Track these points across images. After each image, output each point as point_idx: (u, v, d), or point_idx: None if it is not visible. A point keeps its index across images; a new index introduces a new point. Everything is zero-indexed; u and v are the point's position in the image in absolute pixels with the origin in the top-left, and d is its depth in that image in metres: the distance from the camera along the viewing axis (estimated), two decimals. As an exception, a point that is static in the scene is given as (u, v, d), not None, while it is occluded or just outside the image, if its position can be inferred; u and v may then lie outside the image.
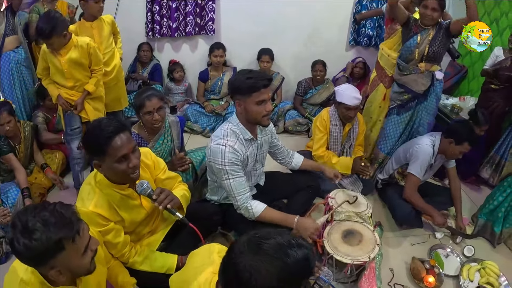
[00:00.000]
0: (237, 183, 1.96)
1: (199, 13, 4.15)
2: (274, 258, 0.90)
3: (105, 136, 1.46)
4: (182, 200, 1.77)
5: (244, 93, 1.91)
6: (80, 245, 1.15)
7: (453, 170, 2.70)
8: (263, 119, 1.97)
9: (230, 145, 1.94)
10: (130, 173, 1.54)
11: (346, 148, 2.95)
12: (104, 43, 2.98)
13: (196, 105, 4.06)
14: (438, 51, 2.67)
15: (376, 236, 2.03)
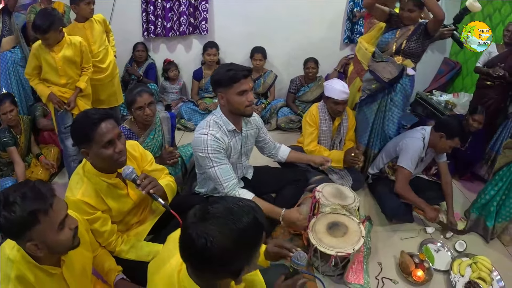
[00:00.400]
0: (222, 170, 1.97)
1: (192, 13, 4.19)
2: (225, 221, 0.94)
3: (91, 123, 1.52)
4: (166, 189, 1.80)
5: (225, 85, 1.94)
6: (54, 219, 1.20)
7: (444, 165, 2.69)
8: (246, 109, 1.99)
9: (212, 134, 1.98)
10: (116, 158, 1.59)
11: (336, 143, 2.95)
12: (97, 42, 3.04)
13: (190, 103, 4.09)
14: (415, 48, 2.67)
15: (362, 229, 2.02)
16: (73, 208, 1.55)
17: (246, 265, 1.01)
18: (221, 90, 1.98)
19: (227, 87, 1.94)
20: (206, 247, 0.91)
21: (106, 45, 3.13)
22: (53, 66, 2.59)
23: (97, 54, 3.03)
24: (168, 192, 1.81)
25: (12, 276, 1.25)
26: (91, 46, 3.00)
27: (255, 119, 2.29)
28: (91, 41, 2.98)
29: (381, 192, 2.68)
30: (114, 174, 1.70)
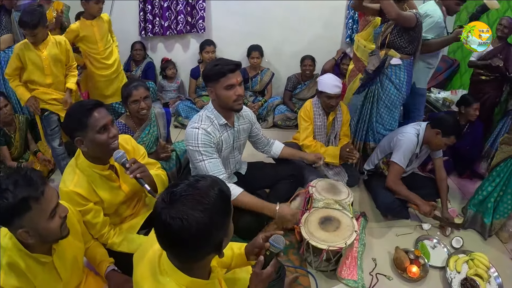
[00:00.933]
0: (212, 164, 1.98)
1: (189, 11, 4.20)
2: (193, 197, 0.95)
3: (86, 109, 1.58)
4: (156, 178, 1.80)
5: (213, 80, 1.96)
6: (46, 206, 1.23)
7: (439, 161, 2.67)
8: (234, 103, 2.00)
9: (203, 128, 1.99)
10: (110, 143, 1.63)
11: (331, 138, 2.95)
12: (104, 40, 3.13)
13: (187, 101, 4.10)
14: (397, 40, 2.72)
15: (355, 223, 2.01)
16: (65, 199, 1.60)
17: (224, 236, 1.04)
18: (210, 85, 2.00)
19: (215, 82, 1.96)
20: (183, 227, 0.92)
21: (111, 43, 3.22)
22: (38, 65, 2.55)
23: (103, 51, 3.13)
24: (157, 182, 1.82)
25: (3, 263, 1.27)
26: (98, 43, 3.09)
27: (247, 114, 2.30)
28: (98, 39, 3.07)
29: (376, 188, 2.66)
30: (107, 165, 1.73)
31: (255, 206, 1.99)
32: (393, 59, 2.78)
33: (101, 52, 3.13)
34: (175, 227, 0.92)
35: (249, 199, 2.00)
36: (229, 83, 1.95)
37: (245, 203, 1.99)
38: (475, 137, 3.18)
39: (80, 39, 3.06)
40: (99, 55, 3.14)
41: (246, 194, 2.00)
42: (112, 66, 3.21)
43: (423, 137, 2.53)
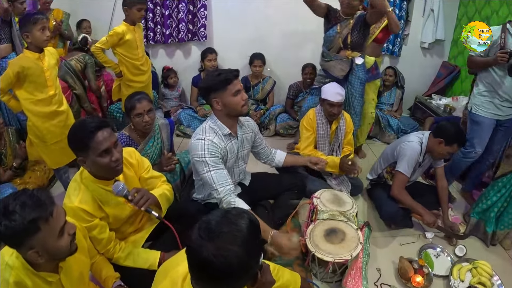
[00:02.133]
0: (218, 175, 1.97)
1: (191, 19, 4.21)
2: (231, 233, 0.97)
3: (88, 131, 1.53)
4: (160, 199, 1.80)
5: (219, 89, 1.97)
6: (55, 226, 1.22)
7: (441, 170, 2.68)
8: (243, 108, 2.03)
9: (209, 139, 2.00)
10: (113, 166, 1.60)
11: (335, 147, 2.95)
12: (142, 46, 3.25)
13: (189, 109, 4.10)
14: (358, 40, 2.85)
15: (360, 235, 2.02)
16: (70, 215, 1.57)
17: (258, 265, 1.08)
18: (215, 96, 2.00)
19: (222, 90, 1.97)
20: (225, 263, 0.94)
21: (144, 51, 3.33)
22: (41, 77, 2.39)
23: (141, 57, 3.24)
24: (162, 201, 1.82)
25: (11, 282, 1.26)
26: (138, 49, 3.18)
27: (250, 124, 2.31)
28: (138, 44, 3.17)
29: (379, 197, 2.67)
30: (112, 181, 1.70)
31: None
32: (357, 59, 2.95)
33: (140, 58, 3.22)
34: (217, 263, 0.94)
35: None
36: (237, 89, 1.97)
37: None
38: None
39: (123, 42, 3.09)
40: (138, 61, 3.21)
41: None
42: (147, 73, 3.35)
43: (426, 146, 2.54)
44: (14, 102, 2.49)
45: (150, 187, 1.92)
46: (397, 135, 4.00)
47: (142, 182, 1.91)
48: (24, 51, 2.39)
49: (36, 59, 2.37)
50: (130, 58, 3.18)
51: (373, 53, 3.15)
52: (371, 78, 3.23)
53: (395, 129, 4.02)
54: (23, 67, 2.31)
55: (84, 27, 4.00)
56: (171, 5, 4.14)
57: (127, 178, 1.81)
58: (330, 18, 2.88)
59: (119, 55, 3.17)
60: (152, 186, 1.93)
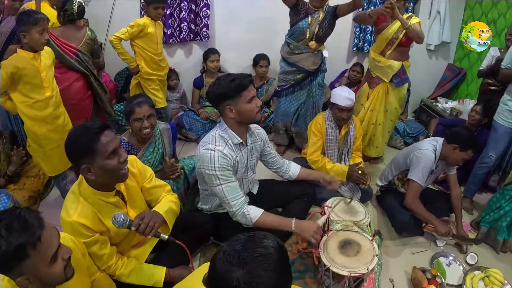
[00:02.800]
0: (230, 188, 1.89)
1: (193, 19, 4.11)
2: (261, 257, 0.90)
3: (93, 133, 1.44)
4: (167, 216, 1.69)
5: (234, 96, 1.87)
6: (45, 251, 1.11)
7: (454, 177, 2.61)
8: (257, 115, 1.96)
9: (219, 150, 1.90)
10: (121, 168, 1.52)
11: (344, 153, 2.87)
12: (161, 43, 3.30)
13: (191, 112, 3.98)
14: (327, 32, 2.99)
15: (375, 246, 1.94)
16: (68, 230, 1.49)
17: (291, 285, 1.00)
18: (229, 103, 1.90)
19: (236, 97, 1.88)
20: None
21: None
22: (36, 78, 2.27)
23: (160, 53, 3.31)
24: (169, 219, 1.71)
25: None
26: (158, 44, 3.23)
27: (260, 132, 2.22)
28: (159, 40, 3.23)
29: (391, 206, 2.59)
30: (113, 192, 1.61)
31: (276, 224, 1.94)
32: (324, 52, 3.12)
33: (159, 53, 3.27)
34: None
35: (269, 218, 1.95)
36: (252, 95, 1.90)
37: (266, 223, 1.92)
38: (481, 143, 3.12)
39: (143, 35, 3.12)
40: (157, 56, 3.25)
41: (266, 213, 1.95)
42: (165, 69, 3.41)
43: (440, 153, 2.47)
44: (11, 103, 2.36)
45: (153, 198, 1.84)
46: (403, 138, 3.93)
47: (145, 192, 1.81)
48: (18, 50, 2.26)
49: (31, 59, 2.25)
50: (150, 51, 3.19)
51: (399, 58, 3.04)
52: (400, 84, 3.11)
53: (402, 132, 3.94)
54: (17, 67, 2.19)
55: (82, 24, 3.90)
56: (173, 4, 4.04)
57: (129, 189, 1.71)
58: (299, 10, 2.94)
59: (138, 47, 3.18)
60: (156, 197, 1.84)
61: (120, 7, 3.99)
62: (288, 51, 3.12)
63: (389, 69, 3.03)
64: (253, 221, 1.90)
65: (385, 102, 3.19)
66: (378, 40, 3.07)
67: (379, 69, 3.09)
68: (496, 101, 3.19)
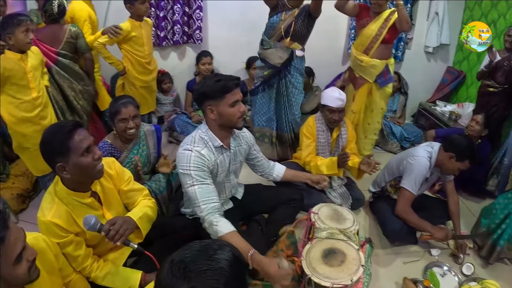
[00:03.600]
0: (203, 190, 1.79)
1: (186, 21, 4.07)
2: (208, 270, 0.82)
3: (66, 131, 1.45)
4: (140, 222, 1.63)
5: (217, 97, 1.81)
6: (9, 252, 1.08)
7: (450, 184, 2.50)
8: (238, 120, 1.87)
9: (197, 150, 1.84)
10: (96, 165, 1.53)
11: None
12: (149, 44, 3.19)
13: (183, 115, 3.93)
14: (301, 30, 2.90)
15: (361, 256, 1.84)
16: (43, 229, 1.50)
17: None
18: (210, 103, 1.84)
19: (218, 99, 1.81)
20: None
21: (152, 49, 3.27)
22: (23, 79, 2.29)
23: (148, 55, 3.18)
24: (143, 225, 1.65)
25: None
26: (144, 46, 3.12)
27: (245, 135, 2.15)
28: (145, 41, 3.10)
29: (383, 213, 2.48)
30: (88, 193, 1.59)
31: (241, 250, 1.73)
32: (297, 51, 2.96)
33: (146, 56, 3.16)
34: None
35: (236, 241, 1.69)
36: (235, 99, 1.81)
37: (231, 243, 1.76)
38: (482, 156, 3.03)
39: (129, 39, 3.03)
40: (144, 59, 3.15)
41: (236, 234, 1.73)
42: (152, 72, 3.31)
43: (435, 160, 2.35)
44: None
45: (130, 201, 1.80)
46: (401, 143, 3.84)
47: (122, 195, 1.79)
48: (6, 52, 2.26)
49: (18, 60, 2.27)
50: (136, 54, 3.12)
51: (382, 55, 2.98)
52: (383, 83, 3.07)
53: (399, 137, 3.85)
54: (4, 68, 2.19)
55: (77, 26, 3.86)
56: (166, 6, 3.99)
57: (105, 190, 1.68)
58: (278, 10, 2.89)
59: (125, 50, 3.11)
60: (133, 201, 1.80)
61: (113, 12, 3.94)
62: (260, 47, 3.07)
63: (373, 68, 2.98)
64: (218, 234, 1.73)
65: (371, 102, 3.15)
66: (360, 37, 3.01)
67: (362, 69, 3.03)
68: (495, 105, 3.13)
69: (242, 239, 1.71)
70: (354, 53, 3.07)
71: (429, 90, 4.61)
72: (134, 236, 1.65)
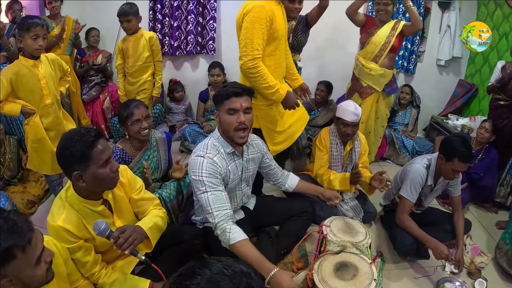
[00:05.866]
0: (215, 197, 1.78)
1: (200, 32, 4.13)
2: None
3: (88, 141, 1.44)
4: (151, 232, 1.63)
5: (219, 102, 1.86)
6: (32, 255, 1.11)
7: (457, 199, 2.46)
8: (236, 133, 1.85)
9: (209, 157, 1.84)
10: (113, 177, 1.54)
11: (348, 170, 2.76)
12: (134, 57, 3.30)
13: (195, 125, 3.97)
14: (301, 40, 2.95)
15: (374, 270, 1.83)
16: (53, 234, 1.49)
17: None
18: (217, 108, 1.89)
19: (220, 104, 1.85)
20: None
21: (145, 63, 3.34)
22: (36, 86, 2.29)
23: (132, 67, 3.32)
24: (153, 235, 1.65)
25: None
26: (129, 58, 3.30)
27: (258, 143, 2.15)
28: (130, 54, 3.28)
29: (393, 227, 2.44)
30: (99, 201, 1.59)
31: (254, 260, 1.65)
32: (299, 63, 2.95)
33: (129, 67, 3.32)
34: None
35: (249, 250, 1.69)
36: (231, 107, 1.81)
37: (243, 253, 1.68)
38: (490, 164, 3.03)
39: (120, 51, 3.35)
40: (128, 70, 3.35)
41: (248, 243, 1.72)
42: (134, 84, 3.39)
43: (435, 168, 2.33)
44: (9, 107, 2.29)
45: (140, 210, 1.80)
46: (412, 156, 3.81)
47: (133, 204, 1.78)
48: (20, 57, 2.30)
49: (31, 66, 2.28)
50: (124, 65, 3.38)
51: (391, 65, 3.01)
52: (390, 93, 3.09)
53: (410, 150, 3.83)
54: (16, 73, 2.22)
55: (93, 35, 3.96)
56: (180, 16, 4.07)
57: (116, 198, 1.68)
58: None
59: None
60: (143, 209, 1.79)
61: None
62: None
63: (382, 77, 2.99)
64: (230, 242, 1.71)
65: (376, 111, 3.19)
66: (369, 45, 3.02)
67: (371, 77, 3.03)
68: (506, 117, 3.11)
69: (255, 249, 1.70)
70: (362, 61, 3.08)
71: (441, 103, 4.58)
72: (144, 246, 1.64)
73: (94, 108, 4.02)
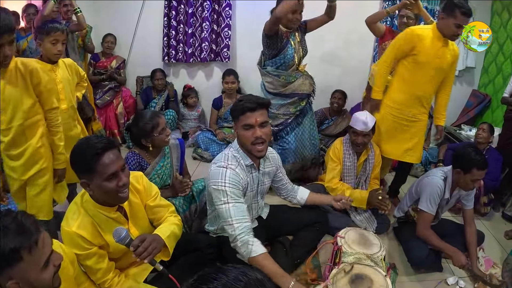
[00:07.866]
0: (237, 208, 1.77)
1: (214, 39, 4.16)
2: None
3: (93, 153, 1.41)
4: (168, 241, 1.63)
5: (235, 117, 1.87)
6: (39, 257, 1.09)
7: (470, 212, 2.44)
8: (253, 147, 1.85)
9: (232, 168, 1.84)
10: (119, 191, 1.48)
11: (362, 181, 2.76)
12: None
13: (208, 132, 3.98)
14: (306, 49, 2.98)
15: (389, 283, 1.83)
16: (67, 240, 1.48)
17: None
18: (234, 122, 1.91)
19: (235, 119, 1.87)
20: None
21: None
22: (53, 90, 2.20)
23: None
24: (171, 244, 1.65)
25: None
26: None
27: (274, 156, 2.16)
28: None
29: (407, 239, 2.43)
30: (115, 208, 1.58)
31: (272, 273, 1.66)
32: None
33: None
34: None
35: (268, 263, 1.70)
36: (247, 122, 1.82)
37: (262, 265, 1.68)
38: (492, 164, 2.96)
39: None
40: None
41: (268, 257, 1.73)
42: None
43: (452, 181, 2.33)
44: None
45: (156, 217, 1.80)
46: (425, 167, 3.79)
47: (148, 210, 1.77)
48: (37, 61, 2.22)
49: (48, 70, 2.25)
50: None
51: None
52: None
53: (423, 161, 3.80)
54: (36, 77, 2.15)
55: (108, 41, 4.01)
56: (195, 23, 4.11)
57: (132, 205, 1.68)
58: (280, 35, 2.80)
59: None
60: (159, 216, 1.79)
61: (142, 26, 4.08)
62: (281, 84, 2.92)
63: None
64: (251, 254, 1.72)
65: None
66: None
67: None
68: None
69: (275, 263, 1.71)
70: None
71: (454, 113, 4.55)
72: (161, 254, 1.63)
73: (108, 113, 4.07)
